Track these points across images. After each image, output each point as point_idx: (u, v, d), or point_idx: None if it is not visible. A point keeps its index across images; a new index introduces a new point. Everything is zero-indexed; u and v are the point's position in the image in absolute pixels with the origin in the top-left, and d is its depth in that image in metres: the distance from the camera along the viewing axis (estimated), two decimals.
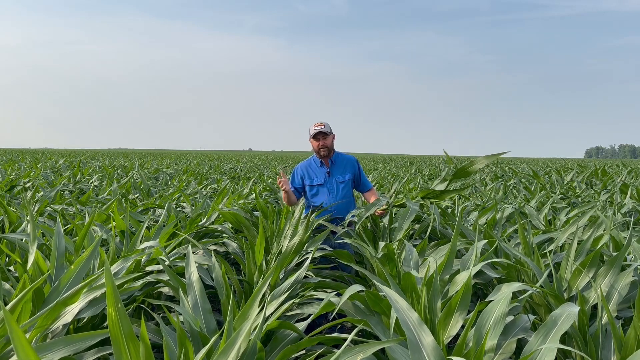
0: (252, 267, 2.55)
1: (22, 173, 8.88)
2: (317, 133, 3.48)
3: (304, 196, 3.65)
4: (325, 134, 3.50)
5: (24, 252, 2.52)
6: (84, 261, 1.98)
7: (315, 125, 3.51)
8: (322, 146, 3.50)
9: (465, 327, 1.57)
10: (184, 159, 26.24)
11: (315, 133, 3.49)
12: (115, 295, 1.30)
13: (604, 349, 1.71)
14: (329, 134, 3.51)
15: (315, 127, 3.50)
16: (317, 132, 3.48)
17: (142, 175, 8.35)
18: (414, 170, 15.13)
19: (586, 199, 6.09)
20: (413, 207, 3.09)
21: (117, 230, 3.10)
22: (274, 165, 18.64)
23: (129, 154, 40.66)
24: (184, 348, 1.49)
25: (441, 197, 3.41)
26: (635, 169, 14.87)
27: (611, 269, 2.06)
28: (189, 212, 4.41)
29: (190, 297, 1.94)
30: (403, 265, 2.35)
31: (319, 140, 3.50)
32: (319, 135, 3.49)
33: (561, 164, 21.34)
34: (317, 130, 3.48)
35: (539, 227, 3.85)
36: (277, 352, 1.76)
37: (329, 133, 3.52)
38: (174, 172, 12.07)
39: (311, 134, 3.50)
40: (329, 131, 3.51)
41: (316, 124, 3.52)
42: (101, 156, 27.39)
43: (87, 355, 1.64)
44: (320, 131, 3.48)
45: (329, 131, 3.51)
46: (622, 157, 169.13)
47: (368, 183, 3.77)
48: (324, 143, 3.50)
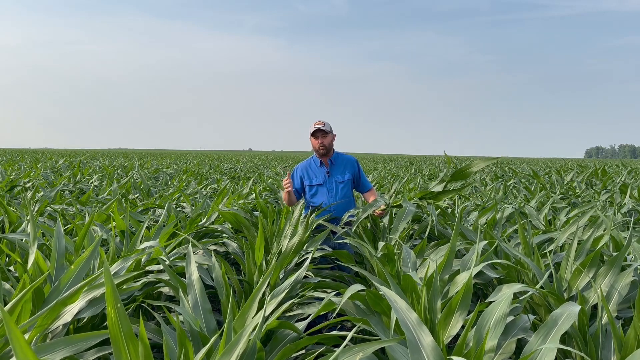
0: (252, 267, 2.55)
1: (22, 173, 8.88)
2: (316, 130, 3.50)
3: (304, 196, 3.65)
4: (325, 132, 3.51)
5: (24, 252, 2.52)
6: (84, 261, 1.98)
7: (315, 124, 3.53)
8: (320, 144, 3.51)
9: (466, 327, 1.57)
10: (184, 159, 26.25)
11: (314, 130, 3.50)
12: (115, 296, 1.30)
13: (604, 349, 1.71)
14: (328, 132, 3.52)
15: (315, 125, 3.51)
16: (317, 130, 3.49)
17: (142, 175, 8.35)
18: (414, 170, 15.14)
19: (586, 199, 6.09)
20: (410, 208, 3.09)
21: (117, 230, 3.10)
22: (274, 165, 18.65)
23: (129, 154, 40.66)
24: (184, 348, 1.49)
25: (439, 197, 3.41)
26: (635, 169, 14.87)
27: (611, 269, 2.06)
28: (189, 212, 4.41)
29: (190, 296, 1.94)
30: (402, 266, 2.35)
31: (318, 138, 3.51)
32: (318, 133, 3.50)
33: (561, 164, 21.34)
34: (316, 127, 3.50)
35: (539, 227, 3.85)
36: (276, 351, 1.76)
37: (329, 132, 3.53)
38: (174, 172, 12.07)
39: (311, 131, 3.51)
40: (328, 130, 3.52)
41: (316, 122, 3.53)
42: (101, 156, 27.40)
43: (87, 355, 1.64)
44: (320, 129, 3.49)
45: (328, 130, 3.52)
46: (622, 157, 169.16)
47: (368, 183, 3.77)
48: (323, 141, 3.51)
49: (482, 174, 11.42)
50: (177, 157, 32.73)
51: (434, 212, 3.15)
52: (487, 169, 13.82)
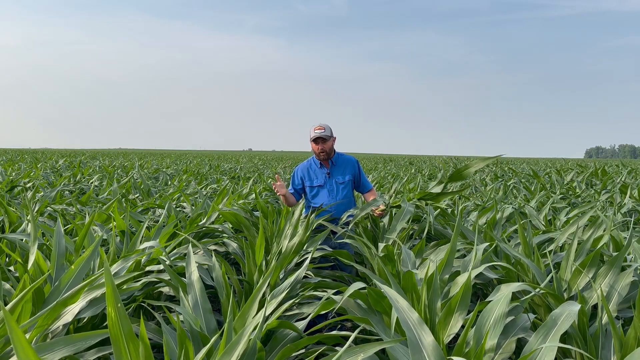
0: (252, 267, 2.55)
1: (22, 173, 8.88)
2: (316, 138, 3.50)
3: (304, 197, 3.66)
4: (324, 139, 3.50)
5: (24, 252, 2.52)
6: (84, 261, 1.98)
7: (315, 129, 3.51)
8: (321, 150, 3.52)
9: (466, 327, 1.57)
10: (184, 159, 26.24)
11: (314, 137, 3.50)
12: (115, 295, 1.30)
13: (604, 349, 1.72)
14: (327, 139, 3.51)
15: (315, 131, 3.49)
16: (317, 137, 3.49)
17: (142, 175, 8.35)
18: (414, 170, 15.13)
19: (586, 199, 6.09)
20: (408, 209, 3.10)
21: (118, 230, 3.10)
22: (274, 165, 18.64)
23: (129, 154, 40.66)
24: (184, 348, 1.49)
25: (438, 199, 3.41)
26: (635, 169, 14.87)
27: (611, 269, 2.06)
28: (189, 212, 4.41)
29: (190, 296, 1.94)
30: (402, 266, 2.35)
31: (319, 144, 3.51)
32: (318, 140, 3.50)
33: (561, 164, 21.34)
34: (316, 134, 3.48)
35: (539, 227, 3.85)
36: (277, 351, 1.76)
37: (329, 138, 3.52)
38: (174, 172, 12.07)
39: (311, 137, 3.51)
40: (329, 135, 3.51)
41: (317, 127, 3.51)
42: (101, 156, 27.39)
43: (87, 355, 1.65)
44: (320, 136, 3.48)
45: (329, 135, 3.51)
46: (622, 157, 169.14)
47: (368, 184, 3.78)
48: (323, 147, 3.51)
49: (482, 174, 11.42)
50: (177, 157, 32.73)
51: (432, 212, 3.15)
52: (487, 169, 13.82)
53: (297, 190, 3.66)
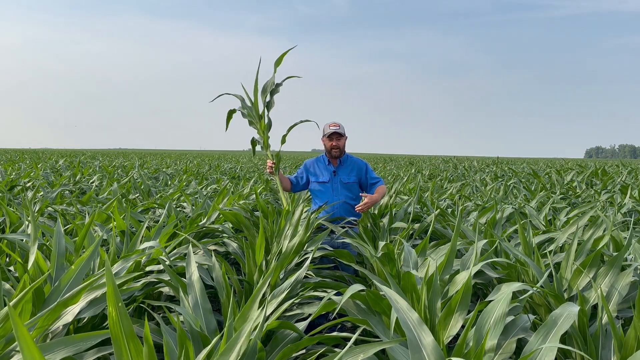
0: (252, 267, 2.55)
1: (22, 173, 8.88)
2: (332, 133, 3.54)
3: (309, 192, 3.71)
4: (340, 134, 3.56)
5: (24, 252, 2.52)
6: (85, 261, 1.98)
7: (330, 125, 3.57)
8: (334, 146, 3.57)
9: (466, 327, 1.57)
10: (184, 159, 26.24)
11: (330, 133, 3.53)
12: (116, 295, 1.30)
13: (604, 349, 1.72)
14: (343, 135, 3.57)
15: (331, 127, 3.56)
16: (333, 132, 3.54)
17: (142, 175, 8.34)
18: (414, 170, 15.13)
19: (586, 199, 6.08)
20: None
21: (118, 230, 3.10)
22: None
23: (129, 154, 40.65)
24: (185, 348, 1.49)
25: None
26: (635, 169, 14.87)
27: (611, 269, 2.06)
28: (189, 212, 4.41)
29: (190, 296, 1.94)
30: (403, 266, 2.35)
31: (333, 140, 3.56)
32: (333, 136, 3.55)
33: (561, 164, 21.34)
34: (332, 130, 3.55)
35: (539, 227, 3.85)
36: (277, 351, 1.76)
37: (343, 134, 3.58)
38: (174, 172, 12.07)
39: (325, 133, 3.55)
40: (343, 132, 3.59)
41: (331, 124, 3.58)
42: (101, 156, 27.39)
43: (88, 355, 1.64)
44: (336, 132, 3.54)
45: (343, 132, 3.59)
46: (622, 157, 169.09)
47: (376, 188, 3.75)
48: (337, 144, 3.57)
49: (482, 174, 11.41)
50: (177, 157, 32.73)
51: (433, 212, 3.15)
52: (487, 169, 13.82)
53: (298, 179, 3.73)
